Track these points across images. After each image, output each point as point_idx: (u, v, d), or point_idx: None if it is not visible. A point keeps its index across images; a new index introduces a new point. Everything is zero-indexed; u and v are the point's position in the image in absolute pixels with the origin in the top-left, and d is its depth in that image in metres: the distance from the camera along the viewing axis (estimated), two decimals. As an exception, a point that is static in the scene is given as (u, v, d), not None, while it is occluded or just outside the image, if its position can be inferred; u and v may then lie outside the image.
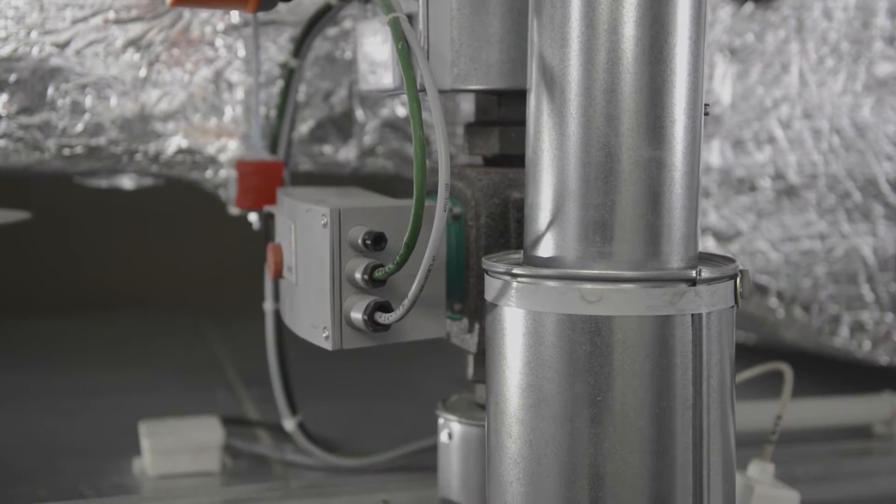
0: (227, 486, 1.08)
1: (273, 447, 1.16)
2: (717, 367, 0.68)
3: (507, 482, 0.70)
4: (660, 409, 0.66)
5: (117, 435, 1.19)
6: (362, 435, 1.23)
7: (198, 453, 1.09)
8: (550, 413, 0.67)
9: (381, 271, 0.76)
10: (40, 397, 1.40)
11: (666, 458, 0.66)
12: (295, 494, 1.06)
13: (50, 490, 1.05)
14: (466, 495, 0.89)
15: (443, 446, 0.91)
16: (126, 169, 1.14)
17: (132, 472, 1.10)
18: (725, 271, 0.68)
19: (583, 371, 0.66)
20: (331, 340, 0.78)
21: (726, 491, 0.69)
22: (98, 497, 1.04)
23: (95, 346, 1.71)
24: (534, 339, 0.67)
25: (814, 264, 1.27)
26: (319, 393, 1.32)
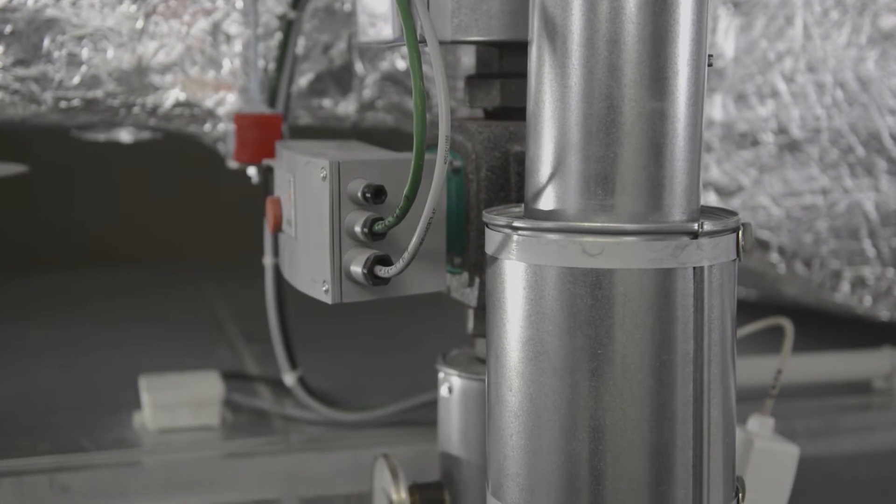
0: (227, 440, 1.08)
1: (273, 402, 1.17)
2: (718, 321, 0.67)
3: (507, 435, 0.70)
4: (660, 362, 0.66)
5: (117, 389, 1.20)
6: (362, 389, 1.23)
7: (198, 408, 1.09)
8: (550, 366, 0.67)
9: (381, 224, 0.75)
10: (40, 352, 1.40)
11: (666, 412, 0.66)
12: (295, 448, 1.07)
13: (50, 443, 1.05)
14: (466, 449, 0.89)
15: (443, 400, 0.91)
16: (124, 122, 1.13)
17: (132, 426, 1.11)
18: (727, 224, 0.67)
19: (583, 324, 0.66)
20: (330, 294, 0.78)
21: (726, 444, 0.69)
22: (98, 450, 1.04)
23: (94, 302, 1.71)
24: (534, 292, 0.67)
25: (815, 219, 1.27)
26: (319, 348, 1.32)
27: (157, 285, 1.83)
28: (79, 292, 1.77)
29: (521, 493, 0.69)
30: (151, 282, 1.86)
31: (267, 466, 1.03)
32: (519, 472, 0.69)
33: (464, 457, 0.89)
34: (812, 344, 1.21)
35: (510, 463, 0.70)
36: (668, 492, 0.66)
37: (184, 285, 1.82)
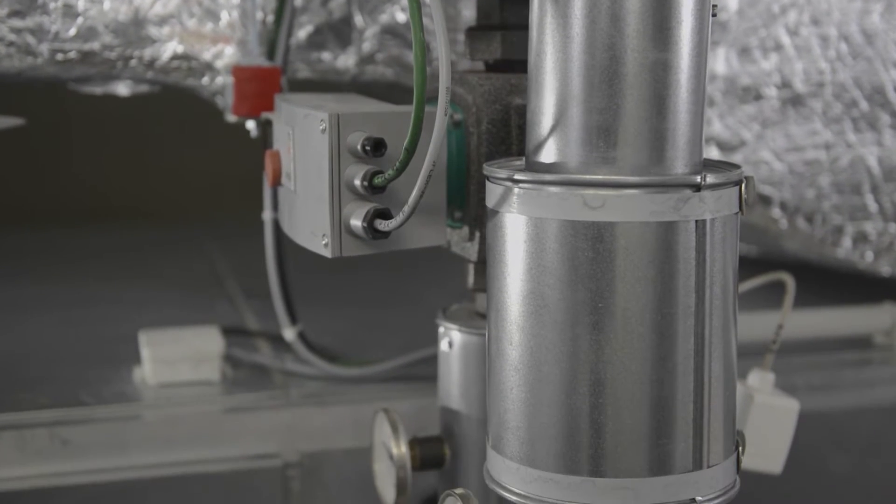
0: (227, 394, 1.08)
1: (273, 357, 1.17)
2: (720, 275, 0.67)
3: (507, 389, 0.70)
4: (661, 315, 0.65)
5: (117, 344, 1.20)
6: (362, 345, 1.23)
7: (198, 362, 1.09)
8: (551, 320, 0.66)
9: (381, 177, 0.75)
10: (40, 308, 1.40)
11: (667, 365, 0.66)
12: (295, 403, 1.07)
13: (51, 398, 1.05)
14: (466, 403, 0.89)
15: (443, 355, 0.91)
16: (121, 75, 1.12)
17: (132, 381, 1.11)
18: (730, 177, 0.66)
19: (584, 277, 0.65)
20: (330, 248, 0.77)
21: (727, 398, 0.69)
22: (99, 404, 1.04)
23: (94, 258, 1.70)
24: (535, 245, 0.67)
25: (818, 174, 1.26)
26: (319, 303, 1.31)
27: (156, 241, 1.83)
28: (78, 248, 1.77)
29: (522, 446, 0.69)
30: (150, 237, 1.85)
31: (267, 421, 1.04)
32: (519, 425, 0.69)
33: (464, 411, 0.89)
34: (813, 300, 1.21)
35: (510, 416, 0.70)
36: (668, 445, 0.66)
37: (183, 241, 1.82)
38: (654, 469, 0.66)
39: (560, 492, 0.68)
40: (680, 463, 0.67)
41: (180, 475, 0.99)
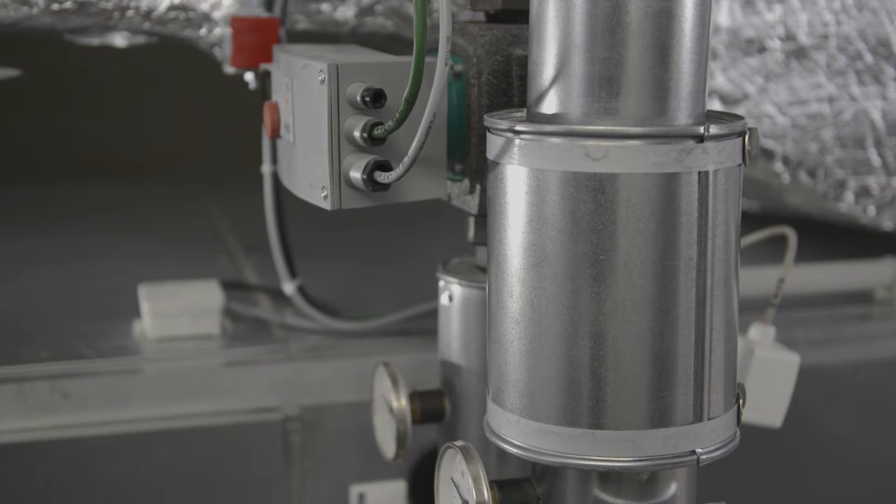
0: (226, 348, 1.08)
1: (273, 311, 1.16)
2: (722, 227, 0.67)
3: (507, 342, 0.69)
4: (663, 267, 0.65)
5: (117, 299, 1.20)
6: (362, 299, 1.23)
7: (197, 316, 1.09)
8: (552, 272, 0.66)
9: (381, 129, 0.74)
10: (38, 262, 1.40)
11: (668, 317, 0.65)
12: (295, 357, 1.07)
13: (51, 351, 1.05)
14: (466, 357, 0.89)
15: (443, 309, 0.90)
16: (118, 26, 1.11)
17: (132, 335, 1.11)
18: (734, 128, 0.66)
19: (586, 230, 0.65)
20: (329, 200, 0.77)
21: (728, 350, 0.69)
22: (99, 358, 1.04)
23: (92, 213, 1.70)
24: (536, 197, 0.66)
25: (821, 128, 1.25)
26: (319, 259, 1.31)
27: (155, 196, 1.82)
28: (76, 202, 1.76)
29: (522, 398, 0.69)
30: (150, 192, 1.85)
31: (267, 375, 1.04)
32: (519, 377, 0.69)
33: (464, 364, 0.89)
34: (814, 255, 1.21)
35: (511, 369, 0.70)
36: (668, 397, 0.66)
37: (182, 196, 1.81)
38: (655, 421, 0.66)
39: (560, 444, 0.68)
40: (680, 415, 0.67)
41: (180, 428, 0.99)
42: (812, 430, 1.14)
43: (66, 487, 0.96)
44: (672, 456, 0.67)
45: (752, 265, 1.05)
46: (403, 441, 0.89)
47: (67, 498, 0.97)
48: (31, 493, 0.96)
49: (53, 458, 0.96)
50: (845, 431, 1.16)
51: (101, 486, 0.97)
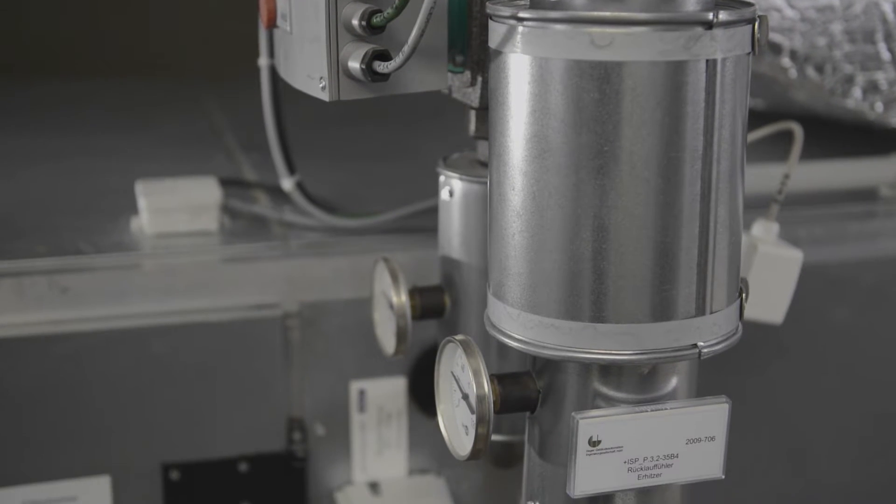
0: (225, 244, 1.07)
1: (272, 208, 1.16)
2: (729, 117, 0.65)
3: (509, 235, 0.69)
4: (668, 159, 0.64)
5: (114, 195, 1.19)
6: (362, 197, 1.22)
7: (196, 213, 1.08)
8: (555, 164, 0.65)
9: (380, 17, 0.72)
10: (36, 159, 1.38)
11: (672, 210, 0.64)
12: (294, 254, 1.06)
13: (48, 247, 1.05)
14: (467, 253, 0.88)
15: (443, 204, 0.90)
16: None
17: (130, 231, 1.10)
18: (743, 14, 0.64)
19: (590, 120, 0.63)
20: (327, 91, 0.75)
21: (732, 243, 0.68)
22: (97, 253, 1.03)
23: (90, 111, 1.68)
24: (539, 86, 0.65)
25: (830, 22, 1.22)
26: (318, 158, 1.30)
27: (152, 94, 1.80)
28: (73, 100, 1.74)
29: (523, 292, 0.68)
30: (147, 90, 1.82)
31: (266, 271, 1.03)
32: (521, 271, 0.68)
33: (464, 260, 0.89)
34: (820, 153, 1.19)
35: (512, 263, 0.69)
36: (671, 290, 0.66)
37: (180, 94, 1.79)
38: (657, 315, 0.66)
39: (561, 337, 0.67)
40: (682, 308, 0.66)
41: (180, 324, 0.99)
42: (813, 328, 1.14)
43: (64, 382, 0.97)
44: (673, 349, 0.67)
45: (757, 163, 1.04)
46: (403, 337, 0.89)
47: (66, 393, 0.97)
48: (29, 387, 0.96)
49: (52, 353, 0.96)
50: (846, 329, 1.16)
51: (99, 381, 0.98)
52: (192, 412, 1.01)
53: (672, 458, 0.70)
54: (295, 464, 1.04)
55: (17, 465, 0.97)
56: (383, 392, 1.05)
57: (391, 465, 1.08)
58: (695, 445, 0.70)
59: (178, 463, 1.01)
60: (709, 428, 0.70)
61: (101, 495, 0.99)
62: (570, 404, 0.71)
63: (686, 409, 0.70)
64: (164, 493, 1.01)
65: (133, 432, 1.00)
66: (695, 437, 0.70)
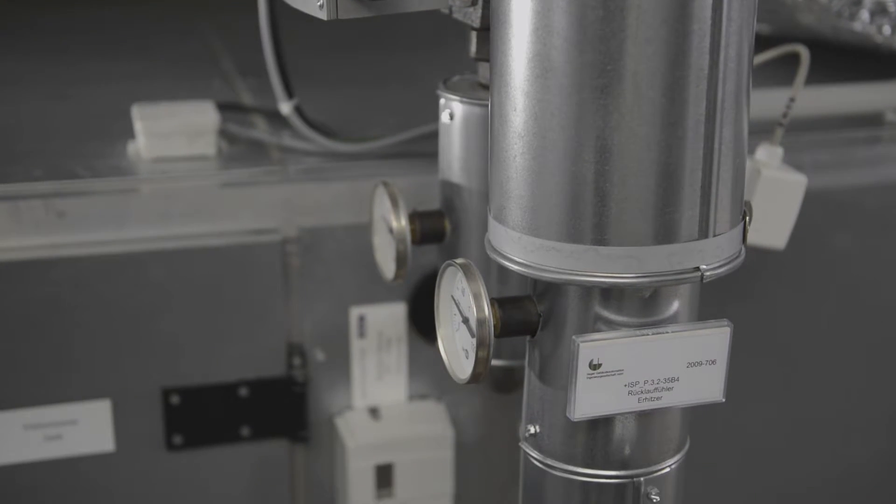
0: (223, 169, 1.06)
1: (270, 132, 1.14)
2: (735, 36, 0.64)
3: (510, 157, 0.68)
4: (673, 78, 0.62)
5: (111, 120, 1.17)
6: (361, 122, 1.20)
7: (193, 137, 1.07)
8: (557, 83, 0.64)
9: (379, -67, 0.71)
10: (32, 84, 1.37)
11: (677, 131, 0.63)
12: (293, 178, 1.05)
13: (45, 170, 1.04)
14: (467, 177, 0.87)
15: (444, 127, 0.88)
16: None
17: (127, 155, 1.09)
18: (752, -70, 0.62)
19: (593, 38, 0.62)
20: (325, 9, 0.74)
21: (736, 165, 0.67)
22: (94, 178, 1.02)
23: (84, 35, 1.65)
24: (542, 4, 0.63)
25: (839, -58, 1.20)
26: (317, 85, 1.28)
27: (148, 17, 1.77)
28: (72, 27, 1.71)
29: (524, 214, 0.68)
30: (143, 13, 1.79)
31: (265, 196, 1.02)
32: (522, 193, 0.67)
33: (465, 184, 0.88)
34: (825, 78, 1.17)
35: (513, 185, 0.68)
36: (674, 213, 0.65)
37: (178, 18, 1.76)
38: (660, 237, 0.65)
39: (562, 260, 0.67)
40: (686, 231, 0.66)
41: (178, 249, 0.98)
42: (815, 254, 1.13)
43: (63, 307, 0.96)
44: (676, 272, 0.66)
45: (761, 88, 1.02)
46: (403, 261, 0.88)
47: (65, 317, 0.97)
48: (28, 311, 0.96)
49: (50, 278, 0.95)
50: (848, 255, 1.15)
51: (98, 305, 0.97)
52: (192, 337, 1.01)
53: (673, 382, 0.70)
54: (295, 389, 1.04)
55: (17, 389, 0.98)
56: (383, 318, 1.05)
57: (391, 390, 1.08)
58: (696, 369, 0.70)
59: (179, 388, 1.01)
60: (710, 351, 0.70)
61: (102, 419, 1.00)
62: (571, 328, 0.70)
63: (687, 333, 0.69)
64: (164, 417, 1.01)
65: (132, 357, 0.99)
66: (696, 360, 0.70)
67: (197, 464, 1.04)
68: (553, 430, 0.73)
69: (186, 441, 1.02)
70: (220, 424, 1.03)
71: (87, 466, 1.01)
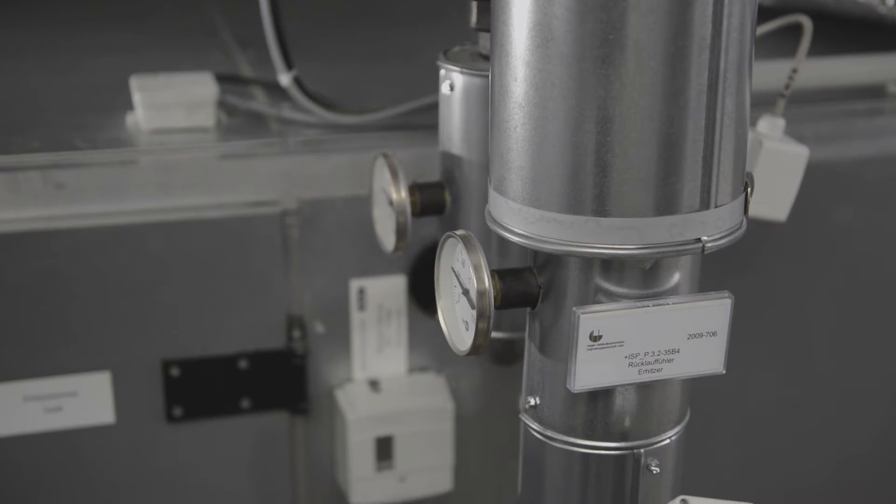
0: (223, 141, 1.06)
1: (269, 104, 1.14)
2: (738, 5, 0.63)
3: (511, 127, 0.67)
4: (675, 48, 0.62)
5: (109, 91, 1.16)
6: (361, 95, 1.20)
7: (192, 108, 1.06)
8: (558, 53, 0.63)
9: None
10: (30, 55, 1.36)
11: (679, 101, 0.63)
12: (292, 150, 1.05)
13: (43, 142, 1.03)
14: (468, 148, 0.87)
15: (444, 98, 0.88)
16: None
17: (126, 127, 1.08)
18: None
19: (595, 7, 0.61)
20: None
21: (738, 136, 0.67)
22: (92, 149, 1.02)
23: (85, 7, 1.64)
24: (543, -28, 0.63)
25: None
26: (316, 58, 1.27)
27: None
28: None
29: (525, 185, 0.67)
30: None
31: (264, 168, 1.02)
32: (523, 164, 0.67)
33: (465, 156, 0.87)
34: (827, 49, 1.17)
35: (514, 156, 0.68)
36: (675, 184, 0.65)
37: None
38: (661, 208, 0.65)
39: (563, 232, 0.66)
40: (687, 202, 0.65)
41: (177, 221, 0.98)
42: (816, 226, 1.13)
43: (62, 279, 0.96)
44: (677, 244, 0.66)
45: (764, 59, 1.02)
46: (403, 233, 0.88)
47: (63, 289, 0.96)
48: (26, 283, 0.95)
49: (49, 250, 0.95)
50: (849, 227, 1.15)
51: (97, 277, 0.97)
52: (192, 309, 1.00)
53: (673, 354, 0.70)
54: (295, 361, 1.04)
55: (17, 361, 0.97)
56: (383, 290, 1.05)
57: (391, 362, 1.08)
58: (696, 341, 0.70)
59: (178, 360, 1.01)
60: (711, 323, 0.70)
61: (102, 391, 1.00)
62: (572, 300, 0.70)
63: (688, 304, 0.69)
64: (164, 389, 1.01)
65: (132, 329, 0.99)
66: (696, 332, 0.69)
67: (197, 436, 1.04)
68: (553, 401, 0.73)
69: (186, 413, 1.03)
70: (220, 396, 1.03)
71: (88, 438, 1.01)
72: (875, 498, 1.30)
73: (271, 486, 1.08)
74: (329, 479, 1.09)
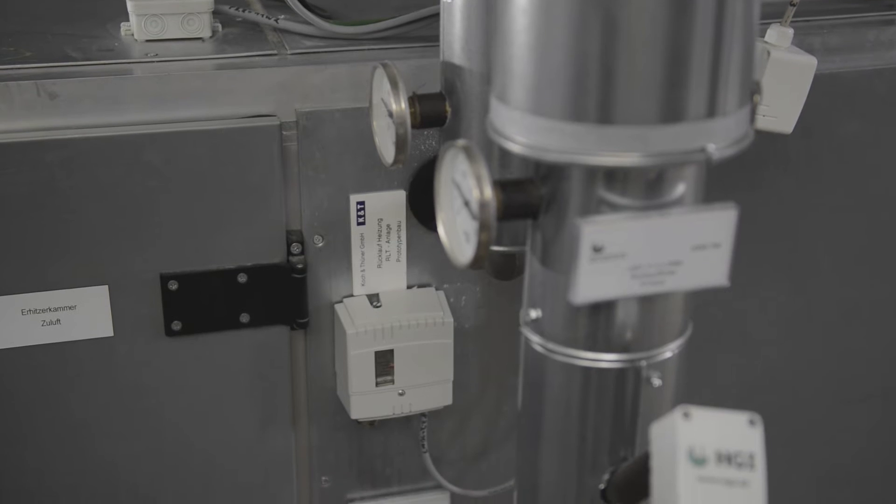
0: (219, 52, 1.04)
1: (266, 14, 1.11)
2: None
3: (513, 33, 0.65)
4: (684, -51, 0.60)
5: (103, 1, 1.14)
6: (360, 5, 1.17)
7: (187, 17, 1.04)
8: (563, -45, 0.61)
9: None
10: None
11: (686, 5, 0.61)
12: (290, 62, 1.03)
13: (35, 51, 1.01)
14: (468, 58, 0.85)
15: (445, 7, 0.86)
16: None
17: (120, 37, 1.06)
18: None
19: None
20: None
21: (746, 43, 0.65)
22: (86, 60, 1.00)
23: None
24: None
25: None
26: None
27: None
28: None
29: (528, 93, 0.66)
30: None
31: (261, 80, 1.00)
32: (525, 71, 0.65)
33: (466, 66, 0.86)
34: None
35: (516, 63, 0.66)
36: (682, 91, 0.63)
37: None
38: (667, 116, 0.63)
39: (566, 141, 0.65)
40: (693, 111, 0.64)
41: (173, 132, 0.96)
42: (822, 139, 1.11)
43: (57, 190, 0.95)
44: (682, 153, 0.64)
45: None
46: (403, 145, 0.86)
47: (59, 201, 0.95)
48: (21, 194, 0.94)
49: (43, 161, 0.93)
50: (856, 140, 1.13)
51: (93, 189, 0.96)
52: (189, 222, 0.99)
53: (676, 265, 0.69)
54: (294, 275, 1.03)
55: (14, 274, 0.97)
56: (383, 204, 1.04)
57: (391, 278, 1.07)
58: (700, 252, 0.69)
59: (176, 273, 1.00)
60: (715, 234, 0.68)
61: (100, 304, 0.99)
62: (574, 210, 0.69)
63: (692, 215, 0.68)
64: (163, 303, 1.01)
65: (129, 242, 0.98)
66: (700, 243, 0.68)
67: (196, 350, 1.04)
68: (555, 314, 0.73)
69: (185, 327, 1.02)
70: (219, 311, 1.03)
71: (86, 351, 1.01)
72: (877, 415, 1.31)
73: (271, 402, 1.08)
74: (329, 394, 1.10)
